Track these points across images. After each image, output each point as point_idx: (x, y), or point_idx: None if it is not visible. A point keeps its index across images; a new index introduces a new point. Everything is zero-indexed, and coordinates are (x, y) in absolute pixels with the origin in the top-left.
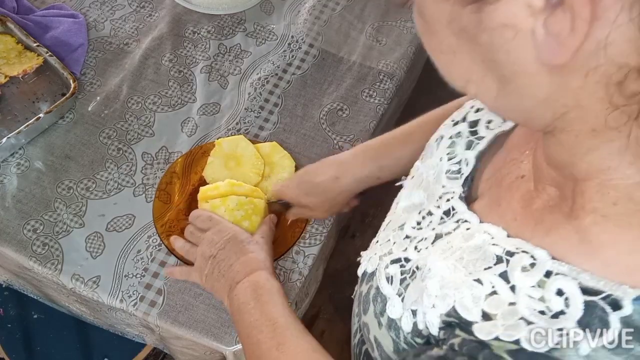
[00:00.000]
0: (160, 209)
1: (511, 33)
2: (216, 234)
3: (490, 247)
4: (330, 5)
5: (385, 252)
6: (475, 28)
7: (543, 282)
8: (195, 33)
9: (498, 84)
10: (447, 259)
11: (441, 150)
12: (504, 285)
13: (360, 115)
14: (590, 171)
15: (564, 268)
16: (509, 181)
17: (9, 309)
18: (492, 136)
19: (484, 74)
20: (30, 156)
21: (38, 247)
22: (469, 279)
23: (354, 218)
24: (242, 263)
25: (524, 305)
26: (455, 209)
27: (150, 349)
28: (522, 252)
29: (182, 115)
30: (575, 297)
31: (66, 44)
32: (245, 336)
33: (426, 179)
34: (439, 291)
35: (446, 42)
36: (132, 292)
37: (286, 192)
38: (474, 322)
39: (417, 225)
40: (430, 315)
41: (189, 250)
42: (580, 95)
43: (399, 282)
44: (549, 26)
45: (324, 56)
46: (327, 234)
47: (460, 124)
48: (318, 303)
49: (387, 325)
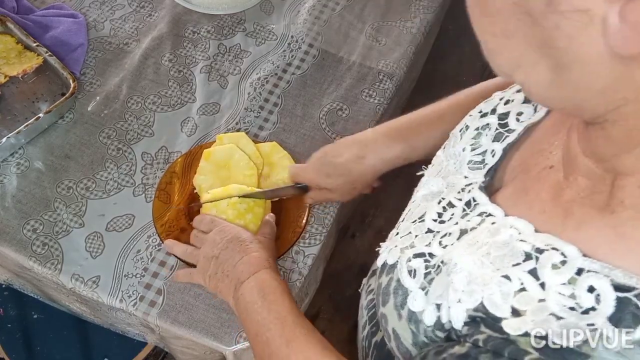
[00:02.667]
0: (160, 209)
1: (582, 18)
2: (218, 234)
3: (518, 243)
4: (330, 5)
5: (407, 245)
6: (544, 11)
7: (574, 280)
8: (195, 33)
9: (552, 72)
10: (474, 254)
11: (465, 141)
12: (533, 282)
13: (360, 115)
14: (635, 166)
15: (596, 265)
16: (537, 171)
17: (9, 309)
18: (523, 129)
19: (538, 61)
20: (30, 156)
21: (38, 247)
22: (497, 275)
23: (354, 218)
24: (246, 262)
25: (553, 301)
26: (476, 200)
27: (150, 348)
28: (552, 249)
29: (181, 115)
30: (606, 294)
31: (66, 43)
32: (254, 335)
33: (446, 168)
34: (465, 286)
35: (503, 24)
36: (131, 292)
37: (305, 175)
38: (503, 318)
39: (438, 217)
40: (456, 310)
41: (192, 252)
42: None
43: (423, 275)
44: (627, 14)
45: (323, 56)
46: (327, 233)
47: (489, 115)
48: (318, 303)
49: (408, 318)
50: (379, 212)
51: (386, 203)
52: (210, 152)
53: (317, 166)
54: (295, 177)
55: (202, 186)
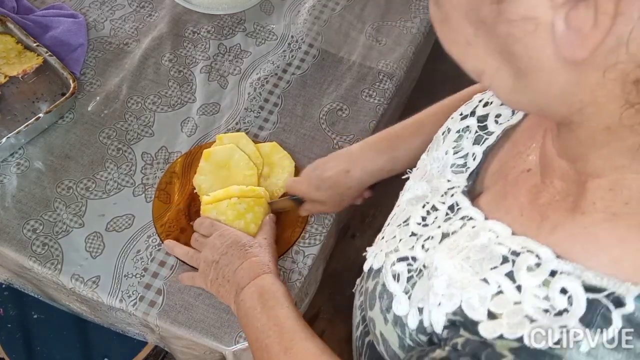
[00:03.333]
0: (160, 209)
1: (531, 25)
2: (218, 239)
3: (496, 246)
4: (330, 5)
5: (392, 249)
6: (495, 19)
7: (547, 282)
8: (195, 33)
9: (513, 77)
10: (454, 257)
11: (447, 144)
12: (510, 285)
13: (360, 115)
14: (604, 168)
15: (568, 267)
16: (515, 175)
17: (9, 309)
18: (501, 131)
19: (499, 66)
20: (30, 156)
21: (38, 247)
22: (475, 278)
23: (354, 218)
24: (246, 268)
25: (529, 304)
26: (459, 204)
27: (150, 348)
28: (527, 251)
29: (181, 115)
30: (578, 295)
31: (66, 43)
32: (254, 341)
33: (430, 171)
34: (445, 290)
35: (462, 32)
36: (131, 292)
37: (297, 187)
38: (480, 321)
39: (422, 221)
40: (436, 314)
41: (193, 255)
42: (596, 92)
43: (406, 280)
44: (571, 20)
45: (323, 56)
46: (327, 234)
47: (468, 118)
48: (318, 303)
49: (393, 322)
50: (379, 212)
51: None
52: (210, 152)
53: (308, 179)
54: (289, 189)
55: (202, 186)
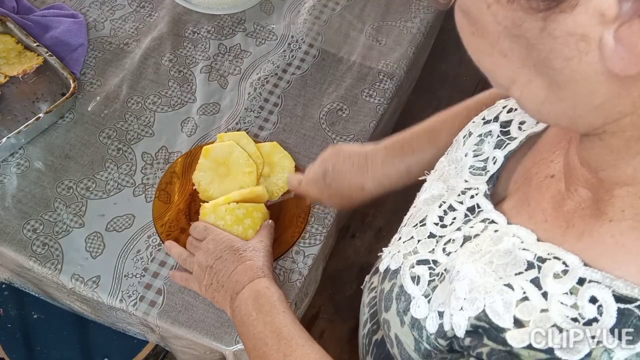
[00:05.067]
0: (160, 209)
1: (577, 41)
2: (211, 243)
3: (521, 251)
4: (330, 5)
5: (410, 251)
6: (538, 35)
7: (576, 289)
8: (195, 33)
9: (547, 89)
10: (476, 262)
11: (467, 147)
12: (535, 291)
13: (360, 115)
14: (635, 176)
15: (598, 275)
16: (538, 180)
17: (9, 309)
18: (524, 137)
19: (532, 78)
20: (30, 156)
21: (38, 247)
22: (499, 283)
23: (354, 218)
24: (240, 272)
25: (556, 312)
26: (480, 206)
27: (150, 349)
28: (553, 258)
29: (182, 115)
30: (608, 305)
31: (66, 43)
32: (251, 348)
33: (447, 172)
34: (467, 294)
35: (497, 44)
36: (131, 292)
37: (307, 190)
38: (507, 328)
39: (439, 221)
40: (458, 318)
41: (187, 259)
42: (638, 103)
43: (427, 283)
44: (622, 37)
45: (323, 56)
46: (327, 233)
47: (492, 123)
48: (318, 303)
49: (410, 324)
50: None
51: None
52: (209, 149)
53: (318, 186)
54: (295, 189)
55: (201, 183)
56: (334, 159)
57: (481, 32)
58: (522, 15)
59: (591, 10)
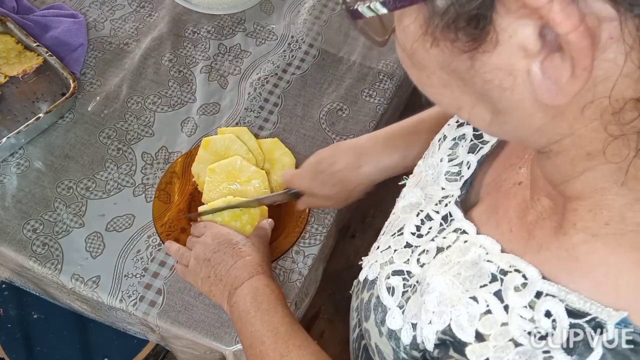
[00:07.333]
0: (160, 209)
1: (505, 75)
2: (209, 236)
3: (485, 263)
4: (330, 5)
5: (386, 261)
6: (468, 71)
7: (534, 303)
8: (195, 33)
9: (490, 114)
10: (445, 273)
11: (442, 151)
12: (498, 304)
13: (360, 115)
14: (585, 190)
15: (553, 288)
16: (507, 187)
17: (9, 309)
18: (496, 141)
19: (475, 104)
20: (30, 156)
21: (38, 247)
22: (465, 296)
23: (354, 218)
24: (240, 267)
25: (515, 325)
26: (452, 215)
27: (150, 348)
28: (514, 270)
29: (181, 115)
30: (561, 319)
31: (66, 43)
32: (248, 346)
33: (424, 178)
34: (436, 307)
35: (436, 77)
36: (131, 292)
37: (299, 182)
38: (468, 343)
39: (416, 230)
40: (427, 331)
41: (184, 253)
42: (575, 125)
43: (401, 294)
44: (547, 70)
45: (323, 56)
46: (327, 233)
47: (465, 126)
48: (318, 303)
49: (388, 335)
50: (379, 212)
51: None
52: (209, 141)
53: (312, 174)
54: (289, 183)
55: (201, 174)
56: (329, 149)
57: (419, 66)
58: (449, 56)
59: (514, 47)
